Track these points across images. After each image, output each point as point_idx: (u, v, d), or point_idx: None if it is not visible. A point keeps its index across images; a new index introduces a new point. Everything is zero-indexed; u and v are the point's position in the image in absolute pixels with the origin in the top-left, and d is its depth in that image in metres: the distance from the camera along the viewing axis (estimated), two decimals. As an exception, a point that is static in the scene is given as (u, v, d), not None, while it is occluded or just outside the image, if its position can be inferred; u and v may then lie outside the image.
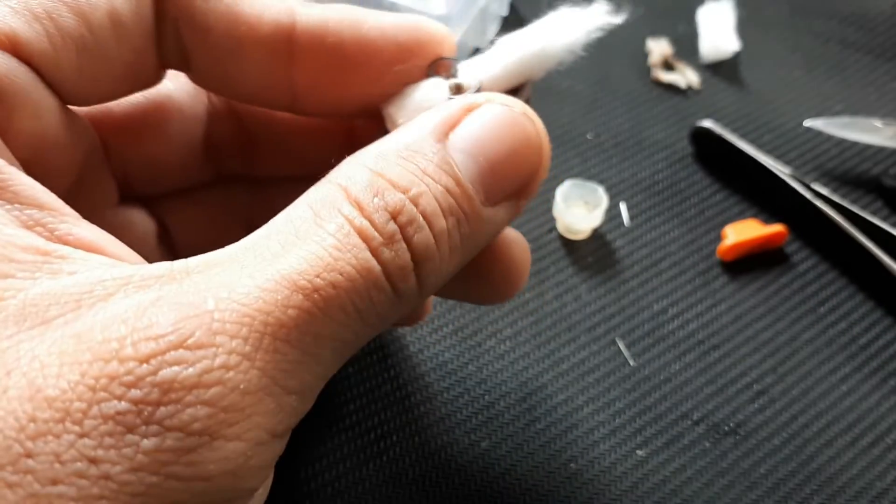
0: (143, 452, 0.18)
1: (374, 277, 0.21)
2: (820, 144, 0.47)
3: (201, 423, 0.18)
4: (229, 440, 0.19)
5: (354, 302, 0.21)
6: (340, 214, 0.21)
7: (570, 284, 0.40)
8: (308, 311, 0.20)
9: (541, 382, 0.36)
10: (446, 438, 0.34)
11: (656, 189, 0.44)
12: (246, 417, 0.19)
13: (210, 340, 0.19)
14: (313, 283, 0.20)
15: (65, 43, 0.23)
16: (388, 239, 0.21)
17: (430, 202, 0.22)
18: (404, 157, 0.23)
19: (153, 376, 0.18)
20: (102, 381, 0.18)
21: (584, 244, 0.42)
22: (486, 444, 0.34)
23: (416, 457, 0.34)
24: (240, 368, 0.19)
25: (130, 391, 0.18)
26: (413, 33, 0.26)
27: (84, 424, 0.17)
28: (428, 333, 0.37)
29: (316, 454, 0.33)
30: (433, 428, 0.35)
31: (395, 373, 0.36)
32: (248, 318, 0.19)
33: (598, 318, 0.39)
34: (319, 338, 0.20)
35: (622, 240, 0.42)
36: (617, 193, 0.44)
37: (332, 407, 0.35)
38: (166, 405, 0.18)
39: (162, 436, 0.18)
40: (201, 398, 0.18)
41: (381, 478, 0.33)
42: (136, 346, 0.18)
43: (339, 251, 0.21)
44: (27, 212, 0.21)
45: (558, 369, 0.37)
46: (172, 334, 0.18)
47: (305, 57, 0.26)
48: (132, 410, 0.18)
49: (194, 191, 0.31)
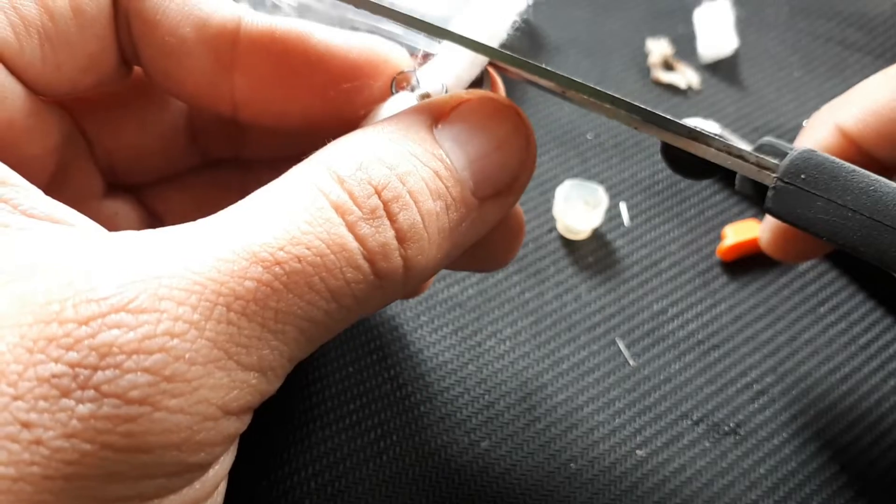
0: (77, 418, 0.17)
1: (347, 254, 0.20)
2: (820, 145, 0.47)
3: (140, 391, 0.18)
4: (172, 412, 0.18)
5: (324, 279, 0.20)
6: (316, 188, 0.21)
7: (570, 284, 0.40)
8: (268, 284, 0.19)
9: (541, 382, 0.36)
10: (446, 438, 0.34)
11: (656, 189, 0.44)
12: (192, 390, 0.18)
13: (154, 305, 0.18)
14: (275, 255, 0.19)
15: (28, 32, 0.23)
16: (368, 214, 0.21)
17: (419, 182, 0.22)
18: (391, 139, 0.22)
19: (91, 339, 0.17)
20: (40, 343, 0.17)
21: (584, 244, 0.42)
22: (486, 444, 0.34)
23: (416, 457, 0.34)
24: (186, 337, 0.18)
25: (67, 353, 0.17)
26: (364, 53, 0.26)
27: (18, 386, 0.17)
28: (428, 333, 0.37)
29: (316, 454, 0.33)
30: (433, 428, 0.35)
31: (395, 373, 0.36)
32: (199, 285, 0.18)
33: (598, 318, 0.39)
34: (282, 314, 0.19)
35: (622, 240, 0.42)
36: (617, 193, 0.44)
37: (333, 407, 0.35)
38: (104, 370, 0.17)
39: (98, 402, 0.17)
40: (141, 364, 0.18)
41: (381, 478, 0.33)
42: (77, 308, 0.18)
43: (310, 225, 0.20)
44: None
45: (558, 369, 0.37)
46: (115, 297, 0.18)
47: (248, 62, 0.26)
48: (68, 373, 0.17)
49: (183, 177, 0.31)
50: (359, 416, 0.34)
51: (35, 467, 0.17)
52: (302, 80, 0.26)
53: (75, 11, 0.24)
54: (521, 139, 0.24)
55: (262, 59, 0.26)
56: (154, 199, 0.30)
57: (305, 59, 0.26)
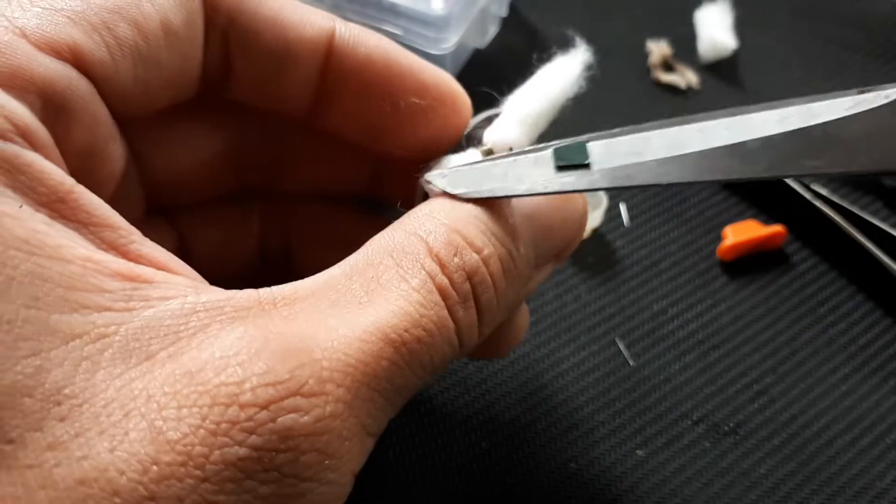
0: (260, 498, 0.18)
1: (448, 334, 0.22)
2: (820, 145, 0.47)
3: (313, 470, 0.19)
4: (331, 485, 0.20)
5: (432, 357, 0.22)
6: (423, 270, 0.22)
7: (570, 284, 0.40)
8: (396, 363, 0.21)
9: (541, 382, 0.36)
10: (446, 438, 0.34)
11: (656, 189, 0.44)
12: (343, 463, 0.20)
13: (321, 389, 0.19)
14: (402, 336, 0.21)
15: (122, 53, 0.23)
16: (463, 298, 0.22)
17: (496, 264, 0.23)
18: (475, 215, 0.24)
19: (272, 423, 0.18)
20: (224, 427, 0.18)
21: (584, 244, 0.42)
22: (486, 444, 0.34)
23: (416, 457, 0.34)
24: (343, 416, 0.19)
25: (250, 437, 0.18)
26: (438, 77, 0.28)
27: (206, 469, 0.18)
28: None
29: (316, 454, 0.33)
30: (433, 428, 0.35)
31: (395, 373, 0.36)
32: (352, 367, 0.20)
33: (598, 318, 0.39)
34: (400, 388, 0.21)
35: (622, 240, 0.42)
36: (617, 193, 0.44)
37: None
38: (284, 452, 0.18)
39: (279, 482, 0.18)
40: (315, 446, 0.19)
41: (381, 478, 0.33)
42: (255, 392, 0.18)
43: (424, 307, 0.21)
44: (101, 233, 0.20)
45: (558, 369, 0.37)
46: (289, 382, 0.19)
47: (339, 71, 0.27)
48: (252, 457, 0.18)
49: (212, 205, 0.31)
50: (359, 415, 0.34)
51: None
52: (376, 87, 0.27)
53: (166, 31, 0.24)
54: (580, 215, 0.27)
55: (349, 65, 0.27)
56: (184, 223, 0.30)
57: (386, 68, 0.27)
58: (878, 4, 0.56)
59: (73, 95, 0.21)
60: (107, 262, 0.19)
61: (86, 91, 0.22)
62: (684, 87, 0.50)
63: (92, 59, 0.22)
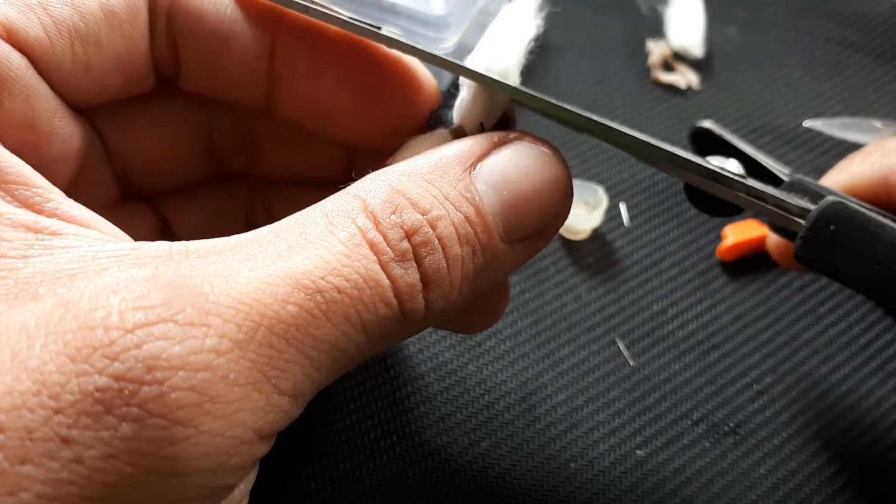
0: (120, 438, 0.16)
1: (381, 291, 0.21)
2: (819, 145, 0.47)
3: (186, 412, 0.17)
4: (213, 435, 0.18)
5: (359, 311, 0.20)
6: (354, 224, 0.21)
7: (570, 284, 0.40)
8: (309, 311, 0.19)
9: (541, 382, 0.36)
10: (446, 438, 0.34)
11: (656, 189, 0.44)
12: (233, 412, 0.18)
13: (202, 320, 0.18)
14: (317, 283, 0.19)
15: (59, 31, 0.23)
16: (399, 256, 0.21)
17: (448, 227, 0.22)
18: (428, 179, 0.22)
19: (138, 349, 0.17)
20: (84, 351, 0.17)
21: (584, 244, 0.42)
22: (486, 444, 0.34)
23: (416, 457, 0.34)
24: (230, 356, 0.18)
25: (113, 364, 0.17)
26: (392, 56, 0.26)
27: (60, 399, 0.16)
28: (428, 333, 0.37)
29: (316, 454, 0.33)
30: (433, 428, 0.35)
31: (395, 373, 0.36)
32: (245, 305, 0.18)
33: (598, 318, 0.39)
34: (319, 341, 0.19)
35: (622, 240, 0.42)
36: (617, 193, 0.44)
37: (332, 407, 0.35)
38: (150, 385, 0.17)
39: (143, 421, 0.17)
40: (189, 382, 0.17)
41: (381, 478, 0.33)
42: (123, 315, 0.17)
43: (348, 258, 0.20)
44: (15, 191, 0.20)
45: (558, 369, 0.37)
46: (162, 307, 0.17)
47: (289, 49, 0.26)
48: (112, 387, 0.17)
49: (196, 189, 0.31)
50: (359, 416, 0.34)
51: (73, 487, 0.16)
52: (337, 70, 0.26)
53: (105, 12, 0.24)
54: (561, 188, 0.25)
55: (302, 46, 0.26)
56: (166, 208, 0.30)
57: (345, 49, 0.26)
58: (878, 4, 0.56)
59: (4, 67, 0.22)
60: (10, 214, 0.19)
61: (18, 64, 0.22)
62: (684, 87, 0.50)
63: (26, 35, 0.22)
